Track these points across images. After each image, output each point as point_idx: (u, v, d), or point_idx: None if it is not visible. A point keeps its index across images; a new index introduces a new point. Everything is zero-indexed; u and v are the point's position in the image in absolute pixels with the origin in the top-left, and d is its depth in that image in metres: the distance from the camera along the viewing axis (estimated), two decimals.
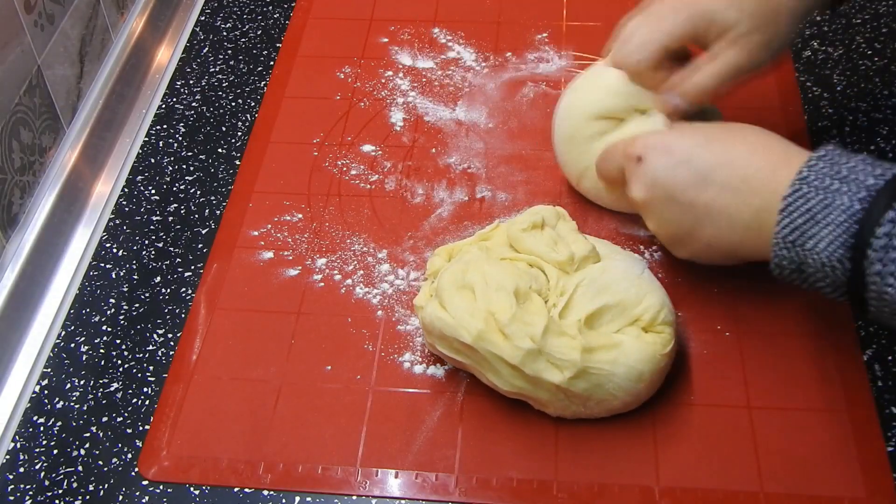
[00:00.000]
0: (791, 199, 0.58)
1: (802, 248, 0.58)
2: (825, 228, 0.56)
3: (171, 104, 0.94)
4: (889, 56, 0.91)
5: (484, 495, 0.64)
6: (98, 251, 0.82)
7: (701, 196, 0.64)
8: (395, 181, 0.85)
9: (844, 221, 0.56)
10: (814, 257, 0.57)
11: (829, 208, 0.56)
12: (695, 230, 0.66)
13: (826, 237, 0.56)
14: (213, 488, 0.66)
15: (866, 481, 0.63)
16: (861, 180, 0.56)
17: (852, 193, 0.56)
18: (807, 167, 0.58)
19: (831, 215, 0.56)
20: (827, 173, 0.57)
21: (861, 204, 0.55)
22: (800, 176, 0.58)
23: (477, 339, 0.64)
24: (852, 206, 0.56)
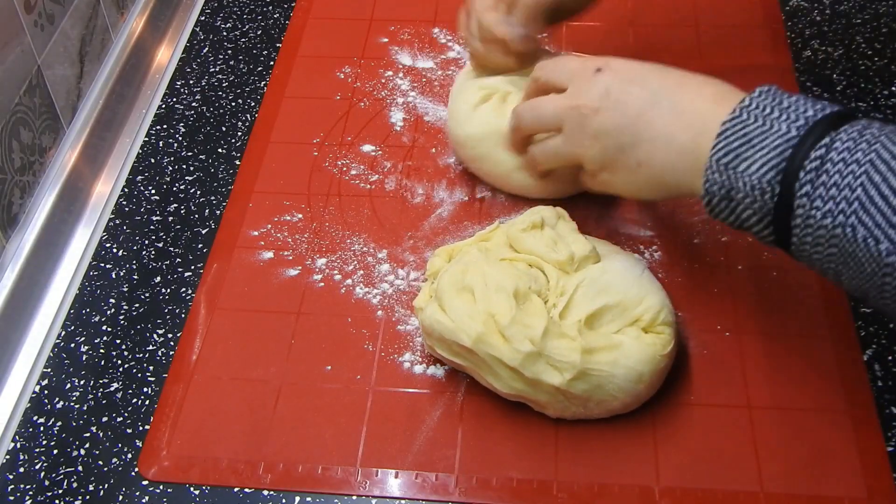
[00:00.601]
0: (730, 124, 0.59)
1: (735, 170, 0.58)
2: (759, 151, 0.57)
3: (171, 104, 0.94)
4: (889, 56, 0.91)
5: (484, 495, 0.64)
6: (98, 251, 0.82)
7: (646, 112, 0.64)
8: (395, 181, 0.85)
9: (780, 146, 0.56)
10: (744, 180, 0.57)
11: (766, 133, 0.57)
12: (629, 147, 0.65)
13: (759, 160, 0.57)
14: (213, 488, 0.66)
15: (866, 481, 0.63)
16: (801, 111, 0.57)
17: (791, 121, 0.57)
18: (749, 97, 0.59)
19: (767, 139, 0.57)
20: (769, 103, 0.58)
21: (798, 131, 0.56)
22: (742, 104, 0.59)
23: (476, 342, 0.64)
24: (789, 132, 0.56)
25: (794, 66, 0.91)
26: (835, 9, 0.97)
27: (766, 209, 0.57)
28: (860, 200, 0.53)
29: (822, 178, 0.54)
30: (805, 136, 0.56)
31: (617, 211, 0.80)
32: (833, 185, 0.54)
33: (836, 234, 0.54)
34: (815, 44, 0.93)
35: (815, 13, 0.97)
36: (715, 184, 0.59)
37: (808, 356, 0.70)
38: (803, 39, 0.94)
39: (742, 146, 0.58)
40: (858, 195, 0.53)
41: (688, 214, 0.79)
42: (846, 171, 0.54)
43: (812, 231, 0.55)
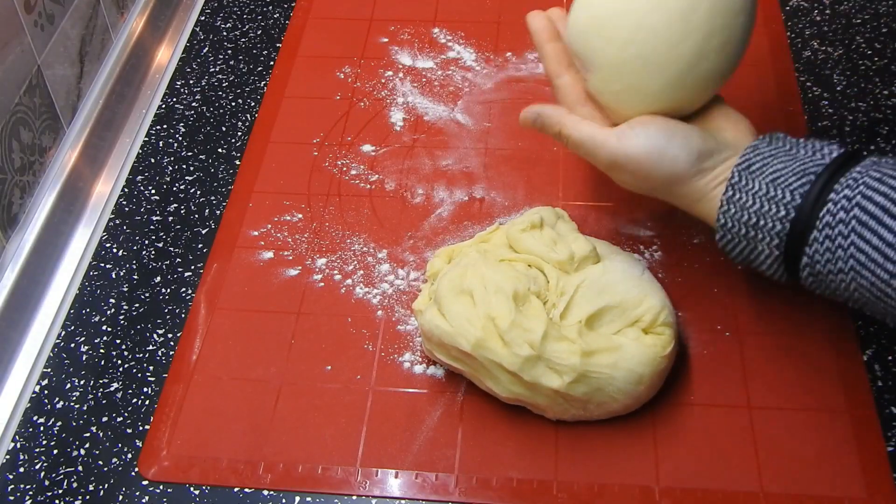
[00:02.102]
0: (723, 243, 0.63)
1: (753, 267, 0.63)
2: (762, 266, 0.62)
3: (171, 104, 0.94)
4: (889, 56, 0.91)
5: (484, 495, 0.64)
6: (98, 251, 0.82)
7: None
8: (395, 181, 0.85)
9: (773, 263, 0.62)
10: (755, 263, 0.63)
11: (756, 252, 0.62)
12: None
13: (767, 271, 0.63)
14: (213, 488, 0.66)
15: (866, 481, 0.63)
16: (770, 228, 0.60)
17: (768, 242, 0.61)
18: (722, 214, 0.62)
19: (760, 258, 0.62)
20: (739, 220, 0.61)
21: (778, 250, 0.60)
22: (719, 222, 0.63)
23: (476, 347, 0.64)
24: (772, 253, 0.61)
25: (794, 66, 0.91)
26: (835, 9, 0.97)
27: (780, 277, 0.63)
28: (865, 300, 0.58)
29: (822, 287, 0.60)
30: (786, 256, 0.60)
31: (617, 211, 0.80)
32: (835, 291, 0.59)
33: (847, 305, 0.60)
34: (815, 44, 0.93)
35: (815, 13, 0.97)
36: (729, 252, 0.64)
37: (808, 356, 0.70)
38: (803, 39, 0.94)
39: (745, 261, 0.63)
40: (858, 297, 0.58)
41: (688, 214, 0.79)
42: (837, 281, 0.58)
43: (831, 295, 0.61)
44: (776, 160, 0.61)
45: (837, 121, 0.86)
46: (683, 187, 0.65)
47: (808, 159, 0.61)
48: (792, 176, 0.60)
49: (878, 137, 0.84)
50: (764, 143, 0.63)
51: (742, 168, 0.62)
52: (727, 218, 0.62)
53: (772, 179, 0.60)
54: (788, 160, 0.61)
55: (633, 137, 0.65)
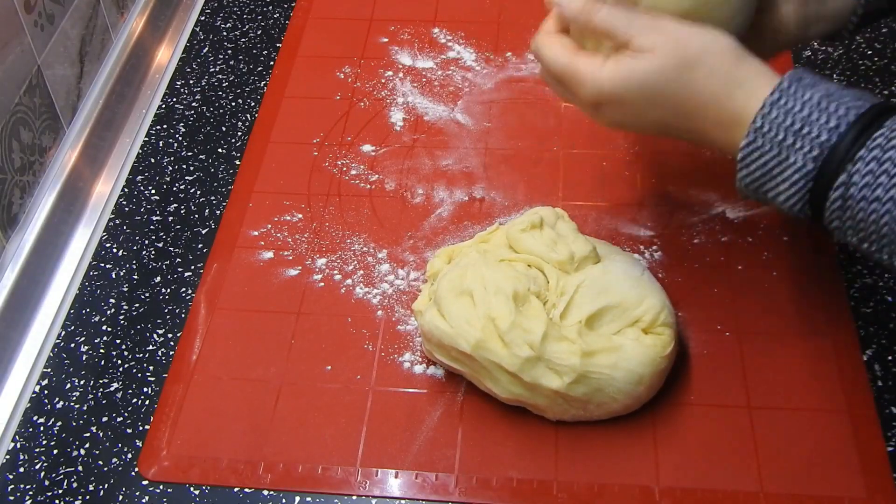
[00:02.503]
0: (747, 151, 0.58)
1: (764, 195, 0.59)
2: (782, 184, 0.57)
3: (171, 104, 0.94)
4: (889, 56, 0.91)
5: (484, 495, 0.64)
6: (98, 251, 0.82)
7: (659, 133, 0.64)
8: (395, 181, 0.85)
9: (800, 180, 0.56)
10: (776, 203, 0.58)
11: (784, 165, 0.57)
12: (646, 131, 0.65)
13: (784, 192, 0.57)
14: (213, 488, 0.66)
15: (866, 481, 0.63)
16: (814, 136, 0.56)
17: (805, 152, 0.56)
18: (761, 116, 0.57)
19: (786, 173, 0.57)
20: (781, 124, 0.57)
21: (814, 162, 0.56)
22: (755, 125, 0.57)
23: (475, 348, 0.64)
24: (805, 166, 0.56)
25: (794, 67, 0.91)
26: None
27: (802, 219, 0.58)
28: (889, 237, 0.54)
29: (848, 213, 0.55)
30: (822, 168, 0.55)
31: (617, 211, 0.80)
32: (860, 219, 0.55)
33: (872, 254, 0.56)
34: (815, 44, 0.93)
35: None
36: (746, 195, 0.60)
37: (808, 356, 0.70)
38: None
39: (763, 177, 0.58)
40: (886, 233, 0.54)
41: (688, 214, 0.79)
42: (869, 210, 0.54)
43: (852, 244, 0.57)
44: (829, 83, 0.58)
45: None
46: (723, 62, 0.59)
47: (863, 91, 0.57)
48: (847, 96, 0.57)
49: None
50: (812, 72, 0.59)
51: (794, 77, 0.58)
52: (766, 121, 0.57)
53: (826, 94, 0.57)
54: (842, 87, 0.58)
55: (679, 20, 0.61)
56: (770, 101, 0.57)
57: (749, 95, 0.58)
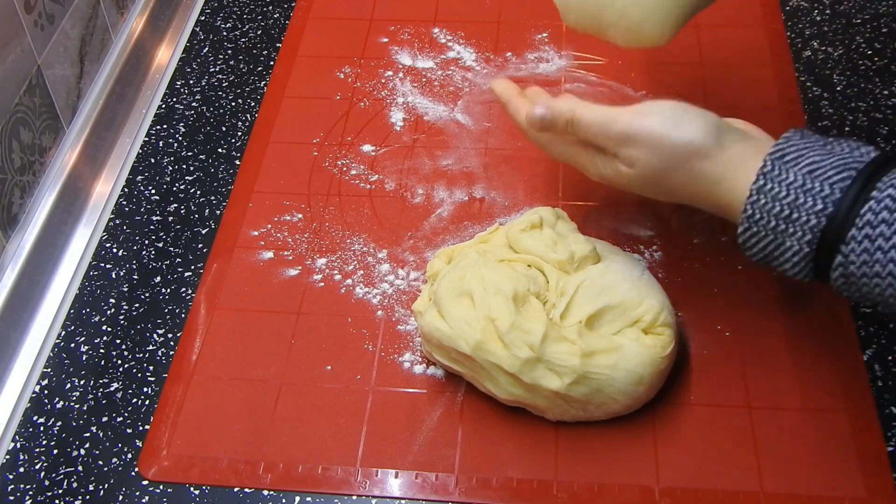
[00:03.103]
0: (744, 238, 0.59)
1: (769, 264, 0.60)
2: (786, 264, 0.58)
3: (171, 104, 0.94)
4: (889, 56, 0.91)
5: (484, 495, 0.64)
6: (98, 251, 0.82)
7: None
8: (395, 181, 0.85)
9: (800, 262, 0.57)
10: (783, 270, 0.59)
11: (782, 249, 0.58)
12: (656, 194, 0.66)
13: (790, 270, 0.58)
14: (213, 488, 0.66)
15: (866, 481, 0.63)
16: (804, 221, 0.56)
17: (798, 237, 0.57)
18: (750, 204, 0.58)
19: (785, 255, 0.58)
20: (770, 211, 0.57)
21: (809, 247, 0.56)
22: (745, 214, 0.58)
23: (475, 349, 0.64)
24: (801, 250, 0.57)
25: (794, 66, 0.91)
26: (835, 9, 0.97)
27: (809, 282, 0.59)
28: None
29: (853, 289, 0.56)
30: (817, 253, 0.57)
31: (617, 211, 0.80)
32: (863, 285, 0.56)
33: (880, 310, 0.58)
34: (815, 44, 0.93)
35: (815, 13, 0.96)
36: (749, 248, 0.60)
37: (808, 356, 0.70)
38: (803, 39, 0.94)
39: (767, 258, 0.59)
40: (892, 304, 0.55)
41: (688, 214, 0.79)
42: (872, 285, 0.55)
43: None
44: (812, 152, 0.58)
45: (837, 121, 0.86)
46: (702, 163, 0.61)
47: (847, 155, 0.57)
48: (831, 169, 0.56)
49: (878, 137, 0.84)
50: (797, 135, 0.60)
51: (776, 157, 0.58)
52: (756, 209, 0.58)
53: (808, 171, 0.57)
54: (825, 154, 0.58)
55: (648, 109, 0.63)
56: (755, 187, 0.58)
57: (734, 190, 0.60)
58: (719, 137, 0.61)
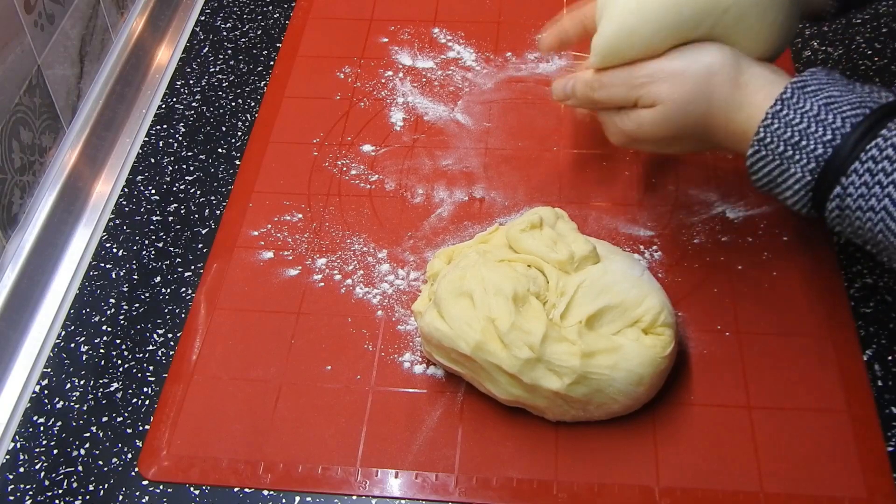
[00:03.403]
0: (753, 160, 0.62)
1: (775, 197, 0.63)
2: (787, 191, 0.61)
3: (171, 104, 0.94)
4: (889, 56, 0.91)
5: (484, 495, 0.64)
6: (98, 251, 0.82)
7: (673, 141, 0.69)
8: (395, 181, 0.85)
9: (801, 189, 0.60)
10: (786, 205, 0.62)
11: (786, 175, 0.61)
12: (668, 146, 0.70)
13: (790, 198, 0.62)
14: (213, 488, 0.66)
15: (866, 481, 0.63)
16: (811, 149, 0.59)
17: (803, 164, 0.59)
18: (763, 127, 0.61)
19: (788, 182, 0.61)
20: (781, 136, 0.60)
21: (811, 175, 0.59)
22: (757, 136, 0.61)
23: (475, 349, 0.64)
24: (804, 177, 0.60)
25: (794, 66, 0.91)
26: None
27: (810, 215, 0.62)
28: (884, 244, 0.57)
29: (846, 222, 0.59)
30: (819, 181, 0.59)
31: (617, 211, 0.80)
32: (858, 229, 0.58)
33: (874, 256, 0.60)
34: (815, 44, 0.93)
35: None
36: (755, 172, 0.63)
37: (808, 356, 0.70)
38: (803, 39, 0.94)
39: (769, 184, 0.62)
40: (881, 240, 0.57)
41: (688, 214, 0.79)
42: (864, 219, 0.57)
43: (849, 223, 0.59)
44: (833, 87, 0.60)
45: None
46: (722, 89, 0.64)
47: (867, 95, 0.59)
48: (847, 104, 0.59)
49: None
50: (822, 71, 0.62)
51: (797, 86, 0.61)
52: (768, 132, 0.60)
53: (825, 103, 0.59)
54: (846, 91, 0.60)
55: (668, 54, 0.66)
56: (771, 112, 0.61)
57: (750, 115, 0.63)
58: (737, 62, 0.64)
